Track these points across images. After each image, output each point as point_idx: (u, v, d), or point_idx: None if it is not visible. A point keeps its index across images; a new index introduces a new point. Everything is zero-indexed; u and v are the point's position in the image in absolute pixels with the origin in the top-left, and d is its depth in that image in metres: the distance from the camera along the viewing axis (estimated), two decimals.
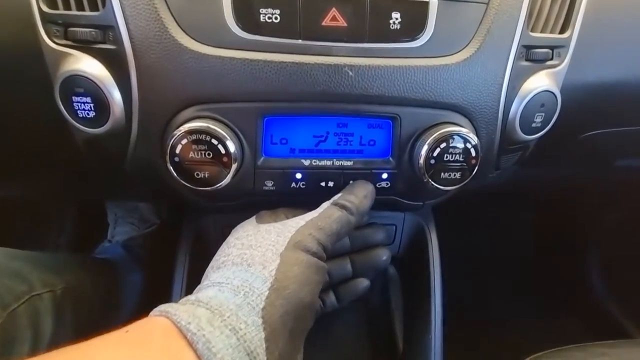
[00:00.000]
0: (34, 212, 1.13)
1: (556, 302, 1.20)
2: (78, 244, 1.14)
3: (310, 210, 0.46)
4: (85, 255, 1.00)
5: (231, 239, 0.45)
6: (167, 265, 0.63)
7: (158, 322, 0.32)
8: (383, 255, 0.54)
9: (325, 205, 0.45)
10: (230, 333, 0.32)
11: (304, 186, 0.48)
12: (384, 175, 0.49)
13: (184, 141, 0.41)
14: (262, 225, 0.44)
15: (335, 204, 0.45)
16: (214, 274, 0.40)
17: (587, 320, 1.14)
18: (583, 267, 1.20)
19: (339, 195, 0.47)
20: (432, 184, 0.46)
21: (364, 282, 0.53)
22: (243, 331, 0.33)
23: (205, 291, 0.37)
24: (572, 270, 1.22)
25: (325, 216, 0.44)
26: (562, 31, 0.50)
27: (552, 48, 0.49)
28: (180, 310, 0.33)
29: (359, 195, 0.46)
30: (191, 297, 0.36)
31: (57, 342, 0.57)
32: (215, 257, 0.43)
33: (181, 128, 0.41)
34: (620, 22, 0.55)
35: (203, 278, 0.42)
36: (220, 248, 0.45)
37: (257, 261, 0.39)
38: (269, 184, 0.47)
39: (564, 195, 1.15)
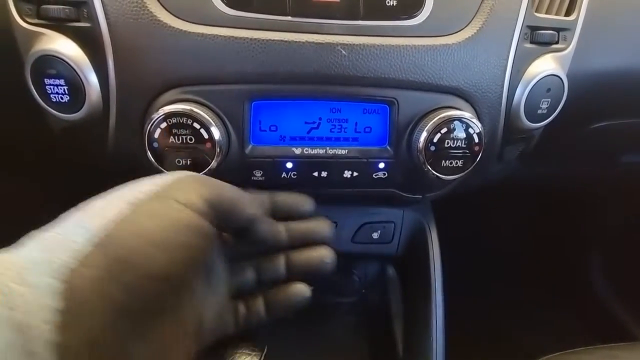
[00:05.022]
0: (23, 214, 1.10)
1: (559, 303, 1.18)
2: None
3: None
4: None
5: None
6: None
7: None
8: (326, 257, 0.43)
9: None
10: None
11: (295, 176, 0.45)
12: (381, 165, 0.46)
13: (163, 125, 0.38)
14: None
15: None
16: None
17: (591, 322, 1.12)
18: (586, 268, 1.18)
19: None
20: (433, 173, 0.44)
21: (300, 289, 0.42)
22: (18, 293, 0.22)
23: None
24: (575, 271, 1.20)
25: (226, 184, 0.35)
26: (567, 13, 0.48)
27: (557, 30, 0.47)
28: None
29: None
30: None
31: None
32: None
33: (160, 111, 0.38)
34: (627, 7, 0.53)
35: None
36: None
37: (94, 209, 0.29)
38: (258, 174, 0.44)
39: (567, 195, 1.14)
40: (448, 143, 0.43)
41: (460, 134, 0.43)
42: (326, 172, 0.45)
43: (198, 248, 0.30)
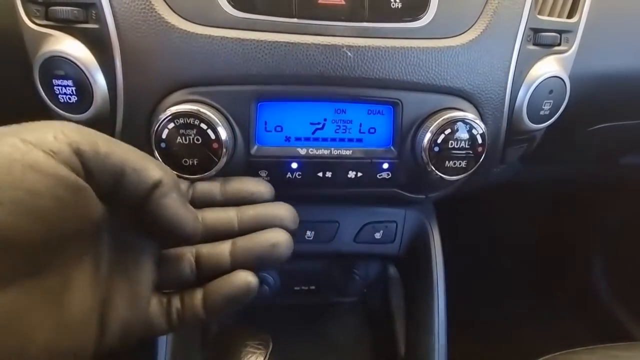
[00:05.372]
0: None
1: (560, 304, 1.18)
2: None
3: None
4: None
5: None
6: None
7: None
8: (279, 240, 0.36)
9: None
10: None
11: (299, 177, 0.45)
12: (385, 166, 0.46)
13: (171, 125, 0.38)
14: None
15: None
16: None
17: (591, 323, 1.13)
18: (587, 268, 1.18)
19: None
20: (437, 174, 0.44)
21: (243, 278, 0.35)
22: None
23: None
24: (577, 271, 1.20)
25: (122, 142, 0.30)
26: (569, 15, 0.49)
27: (560, 32, 0.48)
28: None
29: None
30: None
31: None
32: None
33: (167, 111, 0.38)
34: (628, 10, 0.53)
35: None
36: None
37: None
38: (263, 174, 0.45)
39: (568, 196, 1.14)
40: (452, 144, 0.43)
41: (463, 134, 0.43)
42: (331, 173, 0.46)
43: (53, 198, 0.25)
